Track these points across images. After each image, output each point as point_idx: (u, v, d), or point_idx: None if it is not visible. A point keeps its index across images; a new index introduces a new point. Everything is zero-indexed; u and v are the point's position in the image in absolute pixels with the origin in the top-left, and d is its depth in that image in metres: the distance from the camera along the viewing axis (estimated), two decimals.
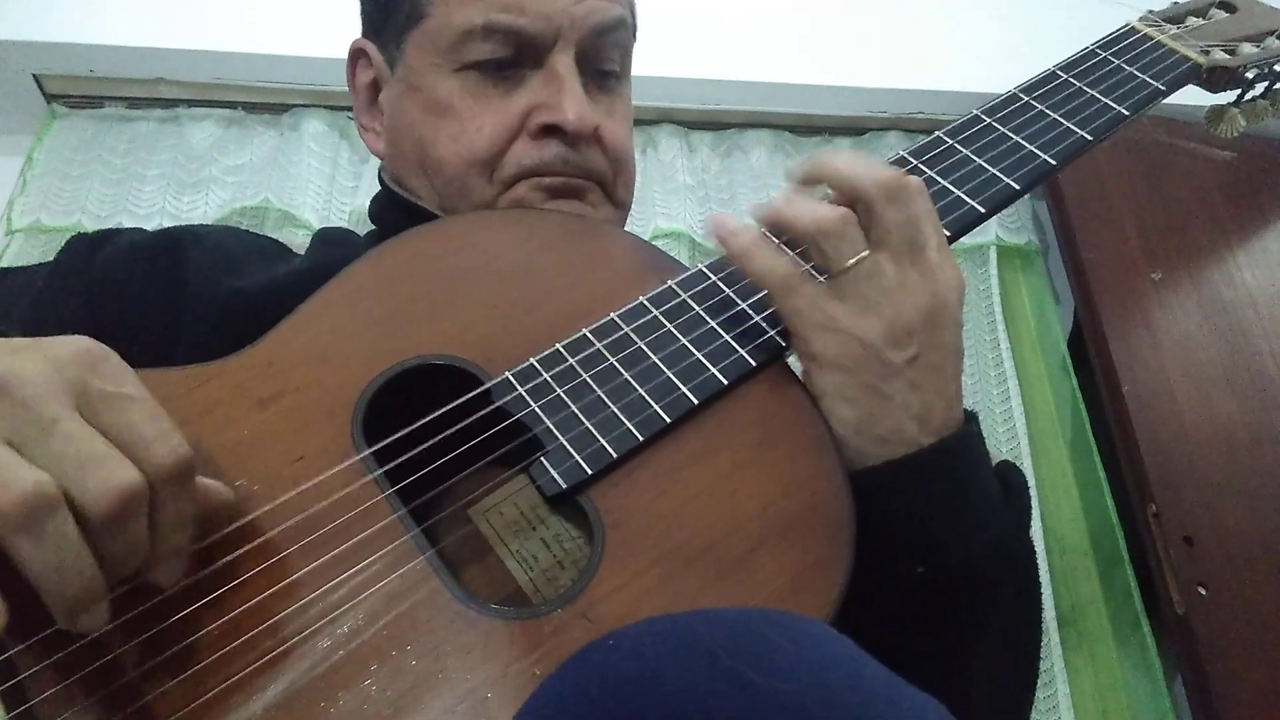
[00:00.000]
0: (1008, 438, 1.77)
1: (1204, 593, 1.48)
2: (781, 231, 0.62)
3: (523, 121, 0.74)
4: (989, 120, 0.69)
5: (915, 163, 0.68)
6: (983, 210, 0.65)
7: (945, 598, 0.58)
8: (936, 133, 0.69)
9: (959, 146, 0.68)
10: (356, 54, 0.84)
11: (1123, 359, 1.66)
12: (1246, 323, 1.69)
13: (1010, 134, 0.68)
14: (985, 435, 0.64)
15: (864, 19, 2.05)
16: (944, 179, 0.66)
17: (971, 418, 0.62)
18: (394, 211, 0.81)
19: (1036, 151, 0.67)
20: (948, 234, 0.63)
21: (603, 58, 0.77)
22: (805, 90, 1.99)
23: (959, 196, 0.65)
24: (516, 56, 0.74)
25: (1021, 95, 0.71)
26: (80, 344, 0.46)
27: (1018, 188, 0.66)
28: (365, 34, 0.84)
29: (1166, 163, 1.87)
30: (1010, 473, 0.64)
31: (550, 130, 0.73)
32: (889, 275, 0.58)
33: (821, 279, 0.60)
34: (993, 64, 1.97)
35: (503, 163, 0.74)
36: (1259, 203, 1.83)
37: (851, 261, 0.58)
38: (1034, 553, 0.66)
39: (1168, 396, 1.62)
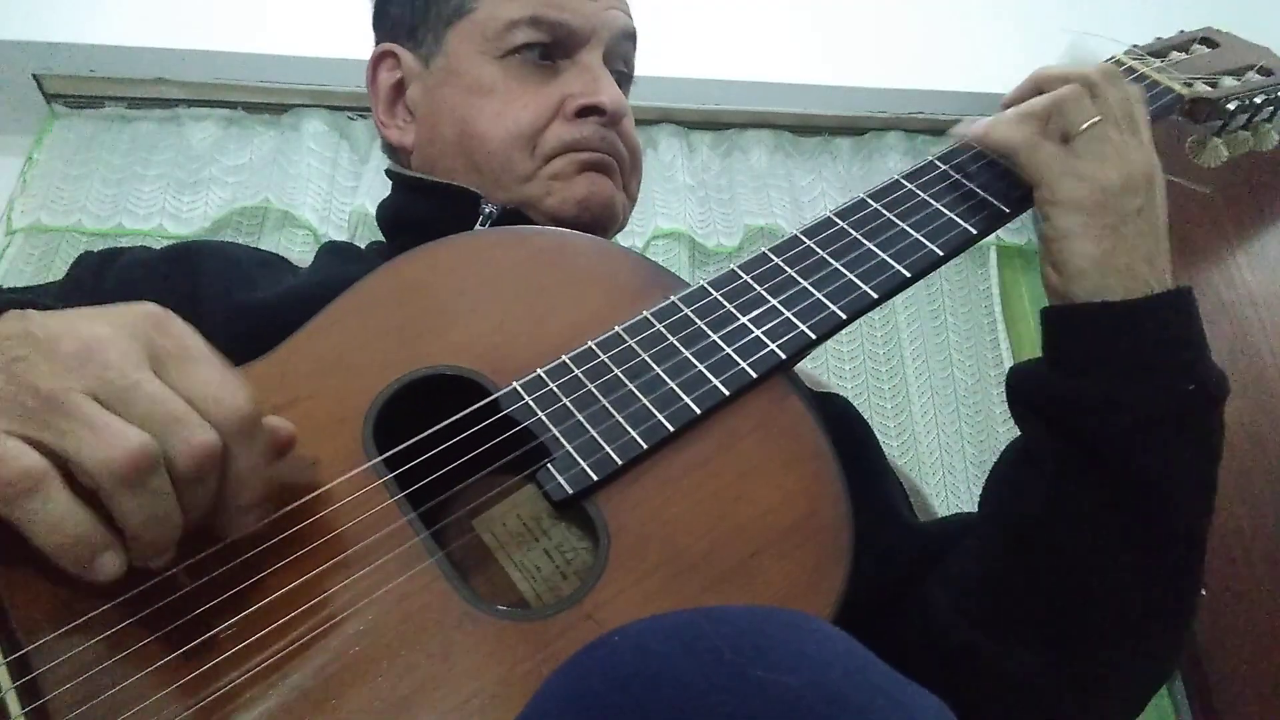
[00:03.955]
0: (1008, 437, 1.76)
1: (1204, 593, 1.48)
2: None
3: (559, 107, 0.80)
4: (979, 147, 0.72)
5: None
6: (975, 232, 0.68)
7: (1207, 413, 0.63)
8: (929, 157, 0.73)
9: (952, 172, 0.71)
10: (382, 56, 0.89)
11: None
12: (1246, 323, 1.69)
13: (999, 159, 0.71)
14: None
15: (864, 19, 2.05)
16: (936, 201, 0.69)
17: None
18: (416, 200, 0.84)
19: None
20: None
21: (620, 60, 0.86)
22: (805, 90, 2.00)
23: (950, 219, 0.68)
24: (552, 48, 0.82)
25: None
26: (145, 308, 0.49)
27: (1008, 210, 0.69)
28: (393, 39, 0.89)
29: (1165, 164, 1.87)
30: None
31: (587, 111, 0.80)
32: (1114, 138, 0.67)
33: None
34: (992, 64, 1.97)
35: (543, 138, 0.80)
36: (1259, 203, 1.83)
37: (1086, 125, 0.66)
38: None
39: None
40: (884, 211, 0.68)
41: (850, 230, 0.68)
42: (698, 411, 0.58)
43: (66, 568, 0.44)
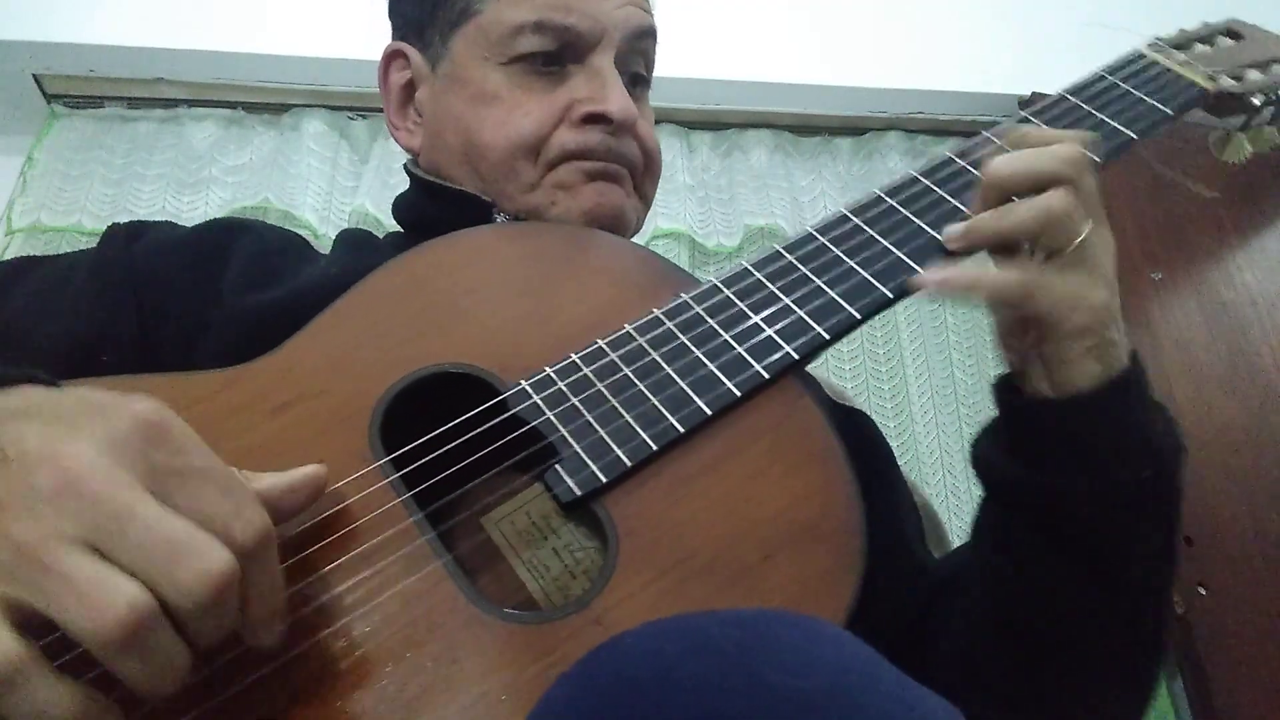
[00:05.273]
0: None
1: (1204, 593, 1.48)
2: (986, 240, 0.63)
3: (565, 112, 0.78)
4: (998, 143, 0.70)
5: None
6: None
7: (1164, 497, 0.62)
8: (945, 153, 0.71)
9: (969, 168, 0.69)
10: (392, 56, 0.87)
11: None
12: (1246, 323, 1.69)
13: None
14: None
15: (864, 19, 2.05)
16: (953, 198, 0.67)
17: None
18: (431, 202, 0.83)
19: None
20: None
21: (636, 62, 0.83)
22: (805, 90, 2.00)
23: (967, 215, 0.66)
24: (561, 53, 0.79)
25: (1031, 119, 0.73)
26: (140, 413, 0.43)
27: None
28: (403, 37, 0.87)
29: (1173, 164, 1.87)
30: None
31: (594, 119, 0.77)
32: (1102, 237, 0.61)
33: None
34: (992, 64, 1.98)
35: (547, 146, 0.77)
36: (1259, 203, 1.83)
37: (1080, 237, 0.60)
38: None
39: (1168, 397, 1.63)
40: (899, 208, 0.67)
41: (865, 227, 0.66)
42: (709, 413, 0.58)
43: None
